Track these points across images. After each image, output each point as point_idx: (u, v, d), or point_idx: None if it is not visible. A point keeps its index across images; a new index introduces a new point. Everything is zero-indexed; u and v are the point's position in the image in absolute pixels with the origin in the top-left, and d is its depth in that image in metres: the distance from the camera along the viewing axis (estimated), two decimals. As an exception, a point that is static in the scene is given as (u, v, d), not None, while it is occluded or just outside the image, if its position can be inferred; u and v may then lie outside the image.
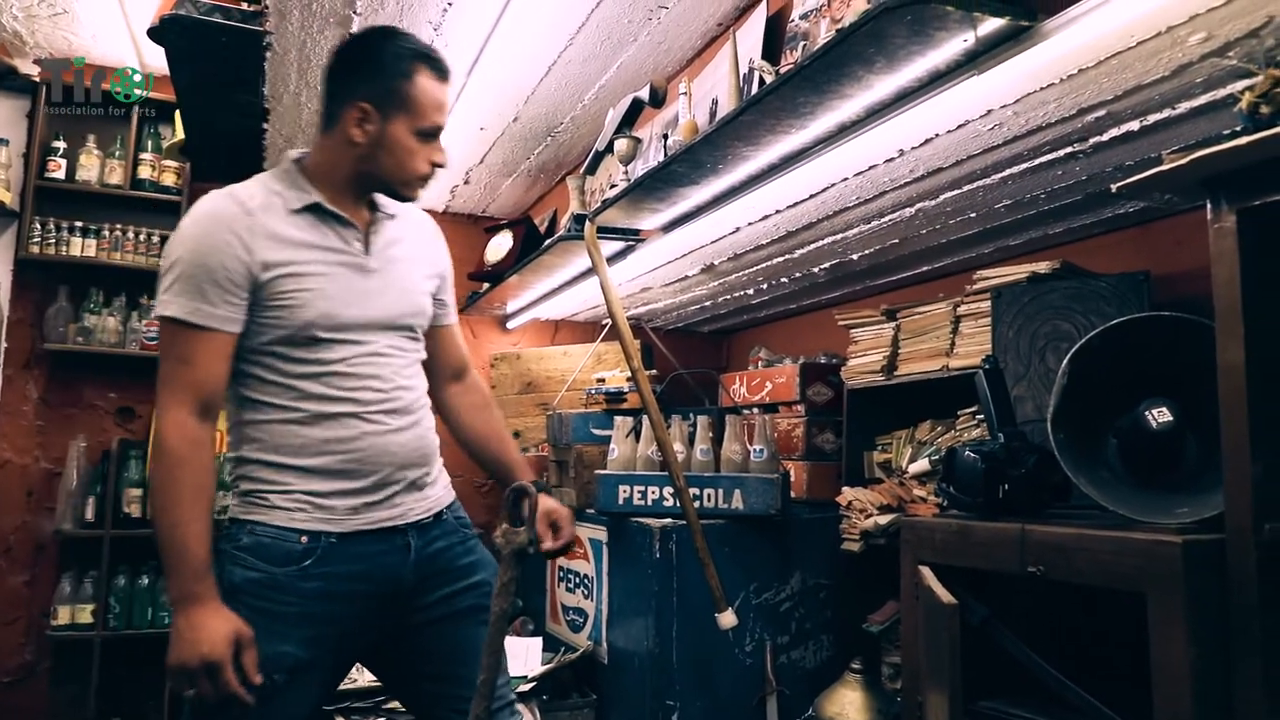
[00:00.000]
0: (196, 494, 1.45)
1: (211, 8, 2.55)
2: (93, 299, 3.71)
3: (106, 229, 3.74)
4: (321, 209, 1.58)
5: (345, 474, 1.55)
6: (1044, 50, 1.37)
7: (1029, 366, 1.95)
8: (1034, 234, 2.30)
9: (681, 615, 2.24)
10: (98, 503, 3.58)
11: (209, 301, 1.46)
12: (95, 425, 3.81)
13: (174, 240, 1.51)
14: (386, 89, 1.56)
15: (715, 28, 2.52)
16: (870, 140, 1.77)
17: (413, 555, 1.61)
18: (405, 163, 1.60)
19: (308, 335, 1.53)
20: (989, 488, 1.61)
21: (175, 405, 1.46)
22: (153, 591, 3.60)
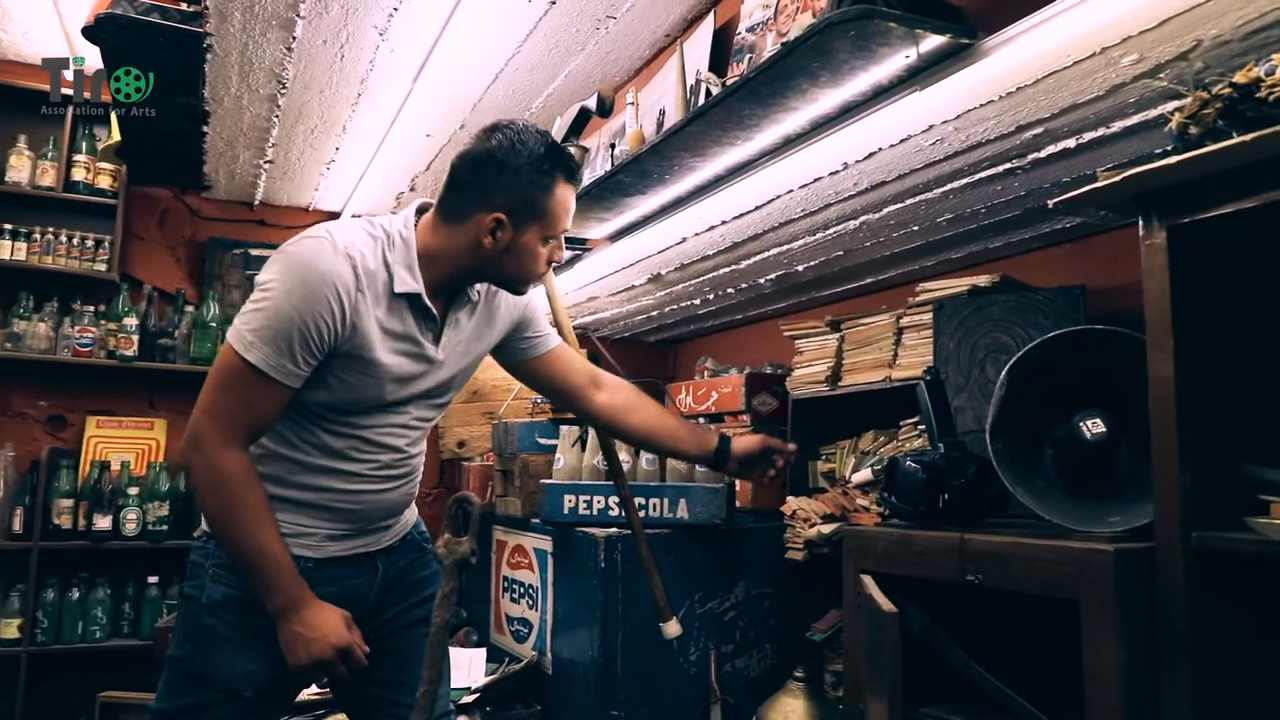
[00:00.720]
0: (267, 513, 1.47)
1: (149, 7, 2.50)
2: (22, 304, 3.59)
3: (38, 232, 3.63)
4: (419, 301, 1.54)
5: (333, 515, 1.58)
6: (984, 68, 1.41)
7: (969, 378, 1.98)
8: (974, 248, 2.35)
9: (626, 625, 2.23)
10: (26, 514, 3.47)
11: (293, 359, 1.43)
12: (24, 434, 3.69)
13: (277, 283, 1.44)
14: (525, 201, 1.53)
15: (663, 39, 2.53)
16: (815, 153, 1.79)
17: (379, 577, 1.67)
18: (529, 266, 1.59)
19: (355, 408, 1.55)
20: (929, 497, 1.64)
21: (232, 439, 1.44)
22: (84, 605, 3.49)
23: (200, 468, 1.44)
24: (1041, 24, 1.30)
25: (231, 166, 3.58)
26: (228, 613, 1.50)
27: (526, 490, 2.74)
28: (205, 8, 2.28)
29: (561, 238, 1.63)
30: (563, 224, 1.59)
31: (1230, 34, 1.24)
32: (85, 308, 3.68)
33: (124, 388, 3.83)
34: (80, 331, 3.61)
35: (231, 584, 1.51)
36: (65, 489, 3.52)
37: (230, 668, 1.50)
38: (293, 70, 2.65)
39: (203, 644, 1.51)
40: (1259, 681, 1.20)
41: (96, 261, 3.71)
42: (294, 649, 1.46)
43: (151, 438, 3.85)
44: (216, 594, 1.51)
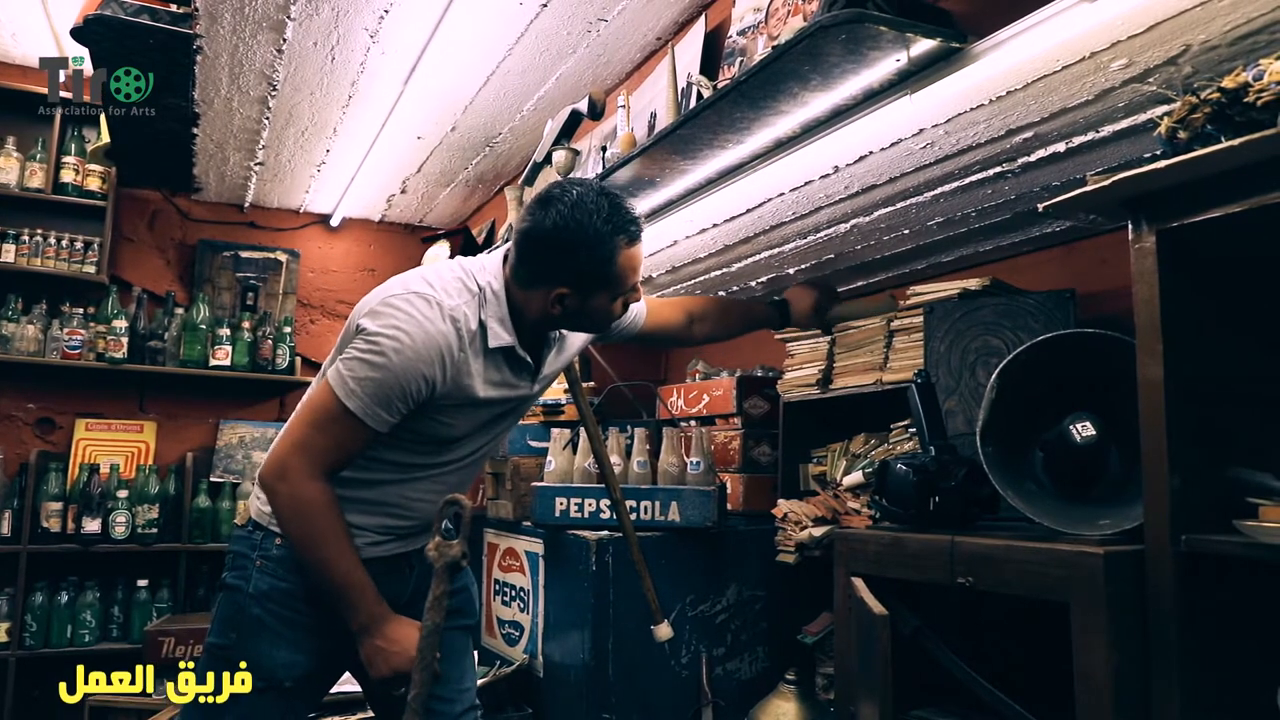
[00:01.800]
0: (347, 541, 1.52)
1: (138, 8, 2.49)
2: (11, 306, 3.58)
3: (26, 234, 3.61)
4: (514, 353, 1.60)
5: (389, 518, 1.65)
6: (974, 72, 1.41)
7: (960, 381, 1.99)
8: (965, 251, 2.35)
9: (618, 628, 2.23)
10: (14, 517, 3.46)
11: (389, 410, 1.49)
12: (12, 437, 3.68)
13: (390, 342, 1.47)
14: (591, 273, 1.54)
15: (654, 42, 2.53)
16: (806, 156, 1.79)
17: (414, 575, 1.75)
18: (604, 319, 1.64)
19: (435, 442, 1.61)
20: (920, 500, 1.64)
21: (318, 473, 1.49)
22: (73, 608, 3.47)
23: (285, 497, 1.48)
24: (1031, 28, 1.30)
25: (222, 168, 3.56)
26: (273, 604, 1.57)
27: (518, 493, 2.73)
28: (195, 9, 2.28)
29: (638, 285, 1.65)
30: (631, 280, 1.60)
31: (1219, 39, 1.25)
32: (74, 310, 3.67)
33: (113, 390, 3.82)
34: (69, 334, 3.60)
35: (278, 575, 1.58)
36: (54, 492, 3.51)
37: (272, 657, 1.56)
38: (283, 72, 2.64)
39: (246, 633, 1.58)
40: (1248, 683, 1.21)
41: (86, 264, 3.70)
42: (375, 662, 1.52)
43: (141, 440, 3.84)
44: (264, 585, 1.58)
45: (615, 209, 1.54)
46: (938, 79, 1.44)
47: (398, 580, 1.72)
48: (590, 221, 1.50)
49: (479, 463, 1.75)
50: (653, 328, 1.97)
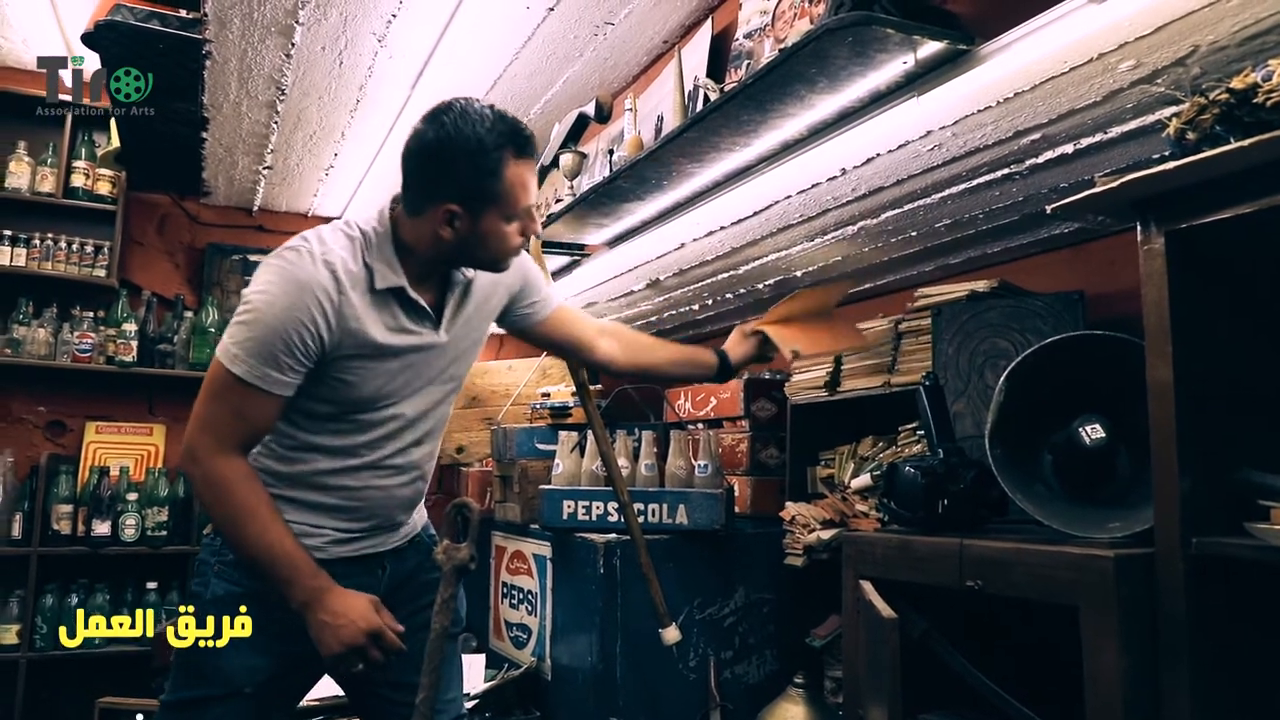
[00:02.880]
0: (272, 512, 1.46)
1: (148, 14, 2.51)
2: (22, 310, 3.60)
3: (37, 238, 3.63)
4: (404, 295, 1.53)
5: (340, 513, 1.59)
6: (981, 74, 1.41)
7: (968, 383, 1.98)
8: (973, 253, 2.34)
9: (625, 631, 2.23)
10: (25, 519, 3.47)
11: (278, 368, 1.43)
12: (23, 439, 3.69)
13: (260, 295, 1.44)
14: (474, 187, 1.47)
15: (661, 45, 2.53)
16: (813, 158, 1.79)
17: (385, 576, 1.68)
18: (499, 247, 1.54)
19: (360, 404, 1.54)
20: (928, 503, 1.63)
21: (227, 448, 1.44)
22: (84, 610, 3.49)
23: (199, 479, 1.45)
24: (1039, 30, 1.30)
25: (230, 172, 3.58)
26: (231, 609, 1.52)
27: (525, 496, 2.73)
28: (204, 15, 2.29)
29: (532, 210, 1.55)
30: (522, 201, 1.51)
31: (1227, 40, 1.24)
32: (85, 314, 3.68)
33: (123, 393, 3.83)
34: (80, 337, 3.62)
35: (234, 580, 1.54)
36: (65, 494, 3.52)
37: (230, 663, 1.51)
38: (292, 76, 2.65)
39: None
40: (1260, 687, 1.20)
41: (96, 267, 3.72)
42: (324, 639, 1.45)
43: (151, 443, 3.85)
44: (220, 590, 1.54)
45: (502, 119, 1.49)
46: (945, 81, 1.44)
47: (368, 580, 1.64)
48: (474, 130, 1.45)
49: (420, 447, 1.66)
50: (556, 328, 1.84)
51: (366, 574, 1.64)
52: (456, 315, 1.63)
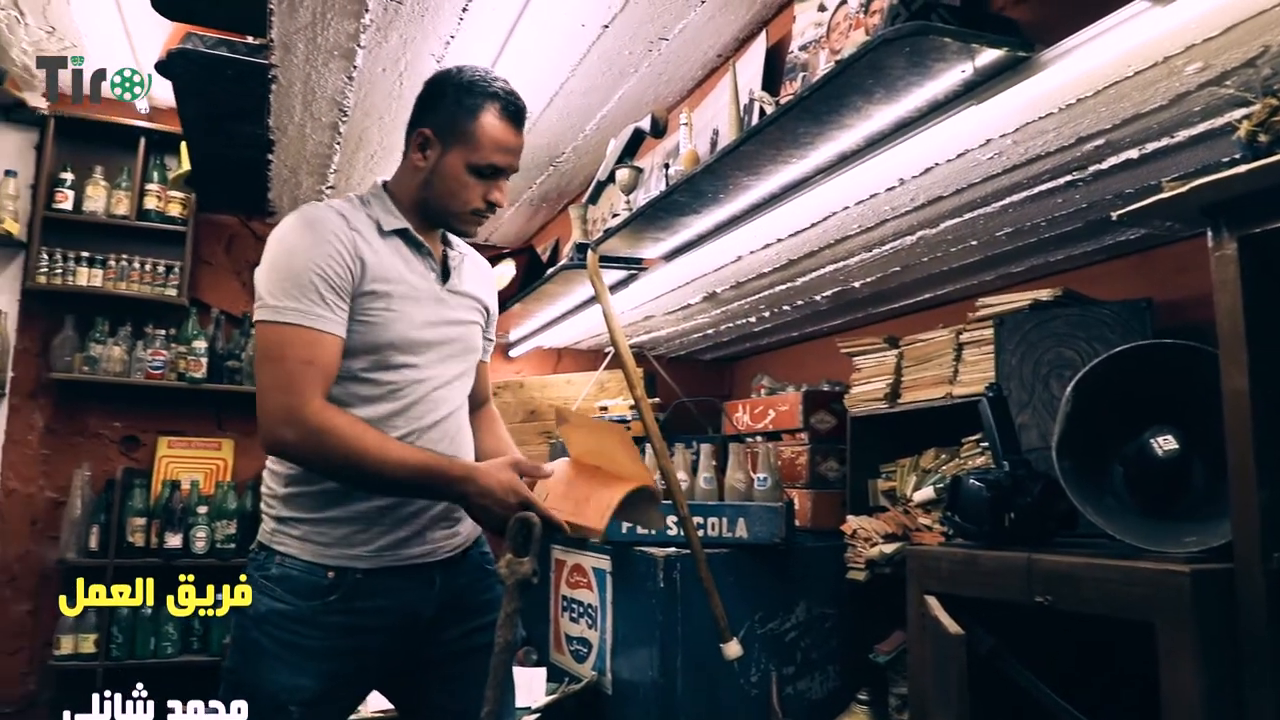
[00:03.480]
0: (381, 435, 1.47)
1: (217, 41, 2.58)
2: (98, 328, 3.72)
3: (113, 259, 3.76)
4: (409, 235, 1.62)
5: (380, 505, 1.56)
6: (1042, 80, 1.39)
7: (1033, 394, 1.95)
8: (1035, 261, 2.31)
9: (686, 645, 2.22)
10: (101, 532, 3.58)
11: (325, 304, 1.47)
12: (100, 454, 3.81)
13: (277, 247, 1.51)
14: (450, 120, 1.59)
15: (715, 59, 2.54)
16: (871, 169, 1.78)
17: (436, 591, 1.63)
18: (457, 193, 1.61)
19: (383, 357, 1.55)
20: (994, 516, 1.61)
21: (311, 397, 1.44)
22: (156, 620, 3.58)
23: (300, 439, 1.43)
24: (1101, 35, 1.28)
25: (295, 193, 3.66)
26: (271, 626, 1.51)
27: (584, 509, 2.74)
28: (270, 40, 2.35)
29: (499, 175, 1.63)
30: (488, 155, 1.59)
31: (1300, 40, 1.21)
32: (157, 331, 3.80)
33: (193, 409, 3.94)
34: (152, 354, 3.73)
35: (276, 596, 1.52)
36: (138, 507, 3.62)
37: (273, 681, 1.50)
38: (353, 98, 2.71)
39: (250, 657, 1.53)
40: (1346, 708, 1.16)
41: (167, 286, 3.83)
42: (485, 521, 1.51)
43: (220, 458, 3.95)
44: (263, 607, 1.52)
45: (503, 84, 1.62)
46: (1004, 88, 1.42)
47: (420, 595, 1.62)
48: (471, 75, 1.61)
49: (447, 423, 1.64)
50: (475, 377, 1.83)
51: (418, 588, 1.61)
52: (458, 276, 1.71)
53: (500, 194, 1.66)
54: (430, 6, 2.20)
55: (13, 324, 3.72)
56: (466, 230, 1.69)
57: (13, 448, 3.69)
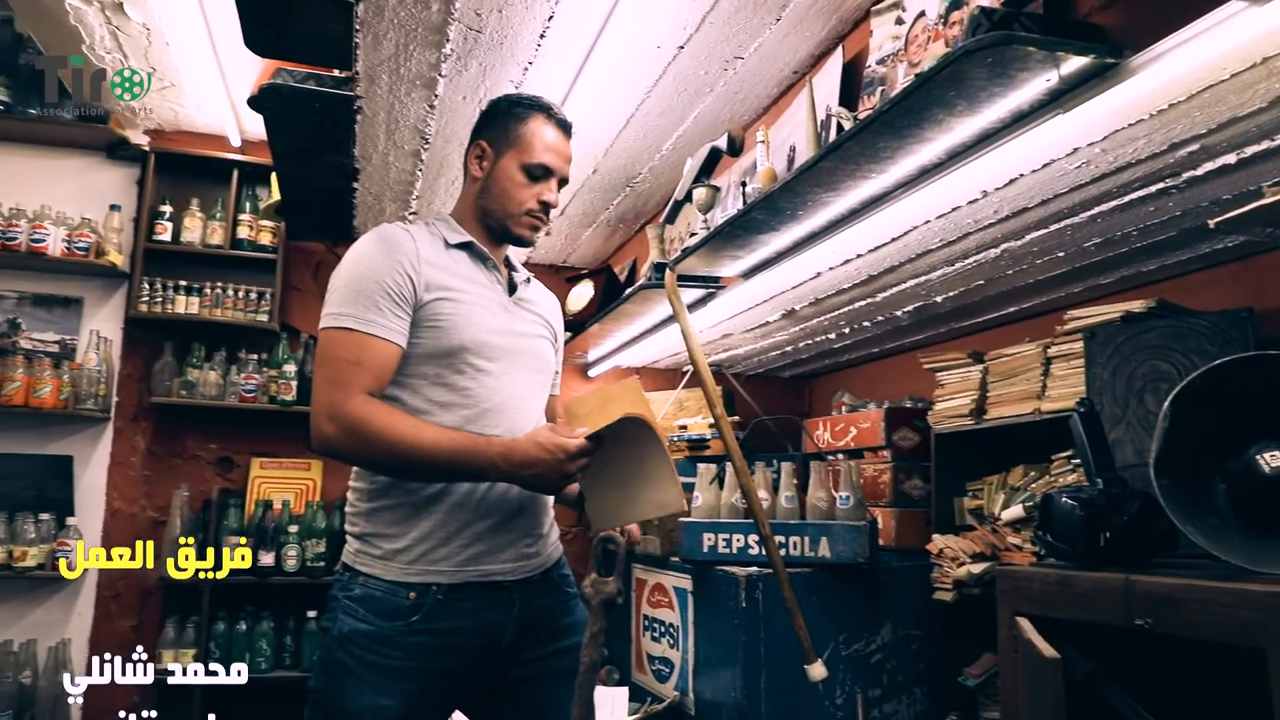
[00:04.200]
0: (417, 422, 1.52)
1: (306, 75, 2.68)
2: (195, 354, 3.87)
3: (208, 287, 3.91)
4: (474, 247, 1.72)
5: (464, 508, 1.59)
6: (1131, 87, 1.35)
7: (1127, 409, 1.89)
8: (1126, 272, 2.24)
9: (770, 666, 2.20)
10: (199, 550, 3.70)
11: (380, 312, 1.55)
12: (197, 475, 3.96)
13: (346, 262, 1.61)
14: (503, 129, 1.73)
15: (791, 75, 2.53)
16: (952, 182, 1.75)
17: (515, 611, 1.64)
18: (512, 194, 1.72)
19: (456, 360, 1.61)
20: (1089, 536, 1.56)
21: (354, 394, 1.50)
22: (250, 637, 3.69)
23: (341, 434, 1.48)
24: (1195, 38, 1.24)
25: (379, 219, 3.76)
26: (355, 647, 1.53)
27: (665, 528, 2.75)
28: (355, 73, 2.42)
29: (551, 175, 1.73)
30: (539, 154, 1.71)
31: None
32: (249, 356, 3.93)
33: (284, 431, 4.06)
34: (245, 378, 3.86)
35: (359, 616, 1.55)
36: (233, 526, 3.75)
37: (357, 702, 1.52)
38: (435, 126, 2.77)
39: (334, 677, 1.55)
40: None
41: (259, 312, 3.97)
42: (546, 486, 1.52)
43: (309, 478, 4.06)
44: (346, 627, 1.55)
45: (550, 102, 1.78)
46: (1092, 96, 1.39)
47: (498, 615, 1.63)
48: (519, 93, 1.81)
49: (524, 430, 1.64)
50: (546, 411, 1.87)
51: (498, 608, 1.62)
52: (525, 292, 1.80)
53: (553, 195, 1.75)
54: (509, 34, 2.25)
55: (117, 351, 3.91)
56: (524, 235, 1.76)
57: (117, 469, 3.86)
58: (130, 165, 4.01)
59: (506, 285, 1.76)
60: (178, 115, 3.95)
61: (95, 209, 3.88)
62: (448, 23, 2.18)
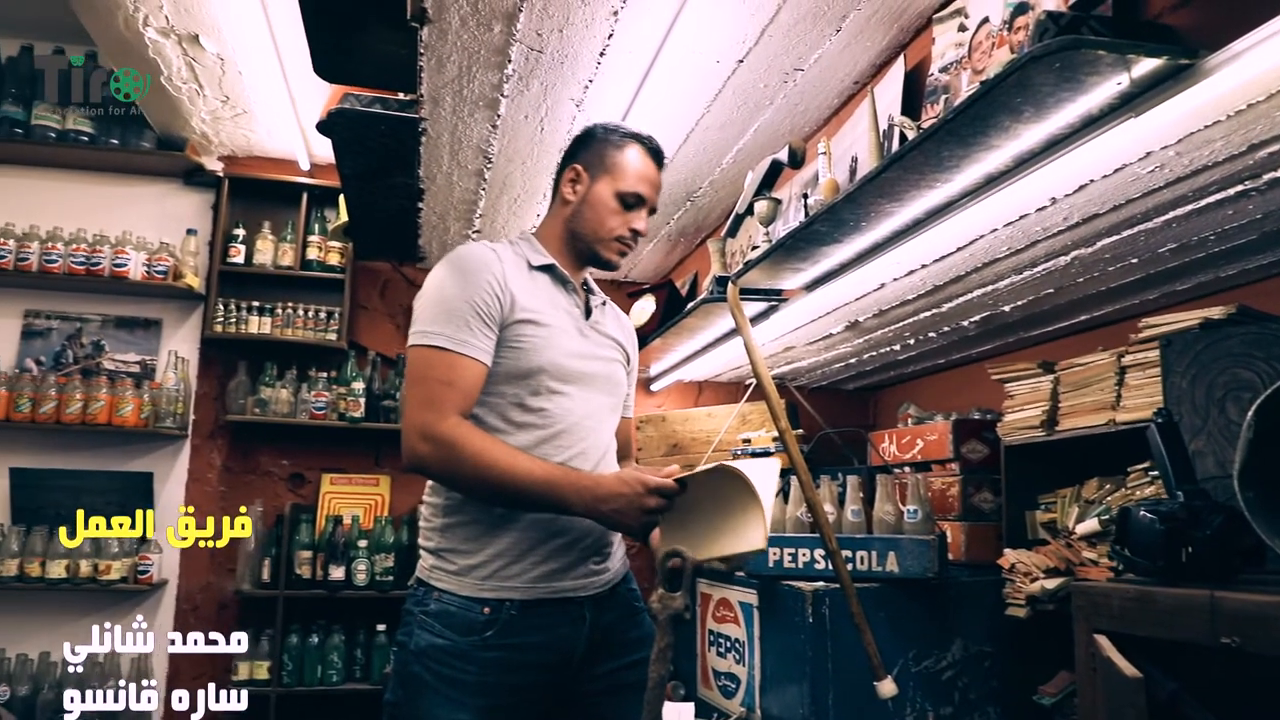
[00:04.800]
0: (509, 449, 1.55)
1: (372, 100, 2.75)
2: (268, 373, 3.98)
3: (279, 307, 4.02)
4: (556, 270, 1.75)
5: (537, 526, 1.61)
6: (1207, 88, 1.31)
7: (1207, 419, 1.83)
8: (1203, 278, 2.17)
9: (838, 683, 2.17)
10: (273, 564, 3.79)
11: (471, 332, 1.58)
12: (270, 491, 4.06)
13: (435, 279, 1.64)
14: (600, 154, 1.77)
15: (852, 86, 2.52)
16: (1020, 190, 1.72)
17: (587, 627, 1.66)
18: (604, 219, 1.75)
19: (536, 382, 1.64)
20: (1170, 551, 1.51)
21: (448, 414, 1.53)
22: (322, 650, 3.76)
23: (433, 452, 1.52)
24: (1272, 36, 1.20)
25: (443, 238, 3.83)
26: (431, 661, 1.56)
27: (729, 542, 2.72)
28: (420, 96, 2.48)
29: (642, 204, 1.78)
30: (632, 183, 1.75)
31: None
32: (319, 374, 4.03)
33: (353, 447, 4.15)
34: (315, 396, 3.95)
35: (436, 632, 1.57)
36: (305, 541, 3.83)
37: (433, 715, 1.54)
38: (497, 145, 2.82)
39: (411, 690, 1.57)
40: None
41: (328, 331, 4.06)
42: (625, 524, 1.54)
43: (378, 493, 4.14)
44: (423, 642, 1.57)
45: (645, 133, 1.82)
46: (1165, 99, 1.35)
47: (570, 631, 1.64)
48: (614, 123, 1.84)
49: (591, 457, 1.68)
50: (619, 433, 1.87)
51: (569, 623, 1.64)
52: (600, 316, 1.82)
53: (643, 224, 1.78)
54: (570, 54, 2.28)
55: (194, 370, 4.03)
56: (611, 260, 1.79)
57: (194, 485, 3.97)
58: (205, 191, 4.16)
59: (584, 309, 1.78)
60: (250, 141, 4.08)
61: (173, 233, 4.03)
62: (509, 44, 2.21)
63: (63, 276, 3.80)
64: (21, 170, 4.01)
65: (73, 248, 3.80)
